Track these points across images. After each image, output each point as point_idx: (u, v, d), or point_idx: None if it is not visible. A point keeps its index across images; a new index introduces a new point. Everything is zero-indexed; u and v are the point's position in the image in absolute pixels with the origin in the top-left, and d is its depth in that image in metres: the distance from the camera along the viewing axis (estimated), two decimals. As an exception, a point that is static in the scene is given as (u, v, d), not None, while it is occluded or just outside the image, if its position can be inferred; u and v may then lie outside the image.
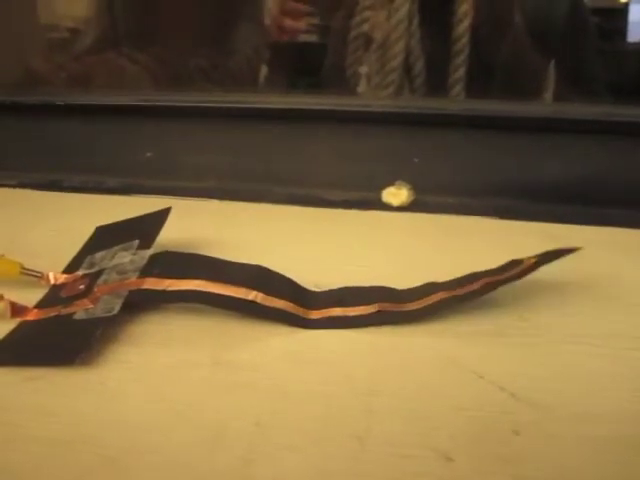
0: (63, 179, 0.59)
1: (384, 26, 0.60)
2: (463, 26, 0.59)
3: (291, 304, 0.32)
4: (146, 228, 0.38)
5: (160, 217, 0.38)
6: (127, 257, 0.35)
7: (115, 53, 0.79)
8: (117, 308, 0.30)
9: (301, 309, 0.32)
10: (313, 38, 0.76)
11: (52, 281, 0.35)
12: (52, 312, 0.32)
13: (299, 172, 0.57)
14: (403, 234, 0.46)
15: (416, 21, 0.62)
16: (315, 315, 0.32)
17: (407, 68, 0.65)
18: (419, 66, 0.65)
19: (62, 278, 0.35)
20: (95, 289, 0.33)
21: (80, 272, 0.35)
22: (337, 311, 0.32)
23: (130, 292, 0.31)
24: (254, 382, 0.26)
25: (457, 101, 0.61)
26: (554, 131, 0.54)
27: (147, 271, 0.33)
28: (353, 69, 0.67)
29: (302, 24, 0.76)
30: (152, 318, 0.32)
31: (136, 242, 0.36)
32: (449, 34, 0.61)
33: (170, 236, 0.39)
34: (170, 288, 0.31)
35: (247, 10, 0.82)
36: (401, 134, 0.55)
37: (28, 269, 0.35)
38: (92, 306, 0.31)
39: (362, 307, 0.32)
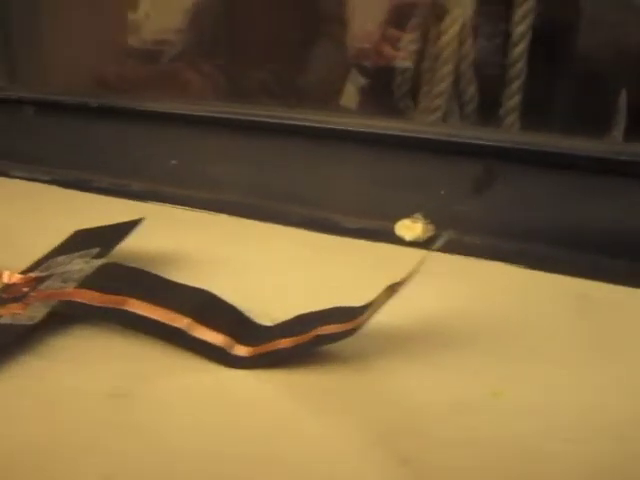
0: (93, 179, 0.59)
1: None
2: (519, 49, 0.53)
3: (224, 337, 0.29)
4: (112, 237, 0.36)
5: (129, 228, 0.37)
6: (79, 265, 0.33)
7: (187, 64, 0.80)
8: (39, 317, 0.29)
9: (235, 344, 0.29)
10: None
11: (5, 280, 0.34)
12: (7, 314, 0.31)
13: (319, 194, 0.53)
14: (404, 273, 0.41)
15: (469, 43, 0.57)
16: (244, 352, 0.28)
17: (458, 93, 0.60)
18: (471, 91, 0.59)
19: (15, 278, 0.34)
20: (32, 294, 0.31)
21: (33, 274, 0.34)
22: (270, 346, 0.28)
23: (59, 302, 0.30)
24: (137, 423, 0.23)
25: (496, 131, 0.55)
26: (616, 173, 0.47)
27: (86, 282, 0.31)
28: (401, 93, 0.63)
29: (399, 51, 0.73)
30: (82, 332, 0.30)
31: (96, 250, 0.35)
32: (504, 57, 0.55)
33: (155, 247, 0.38)
34: (97, 304, 0.29)
35: (331, 31, 0.81)
36: (430, 162, 0.50)
37: (-15, 265, 0.35)
38: (20, 312, 0.30)
39: (295, 338, 0.28)
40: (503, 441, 0.23)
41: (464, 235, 0.47)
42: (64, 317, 0.30)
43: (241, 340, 0.29)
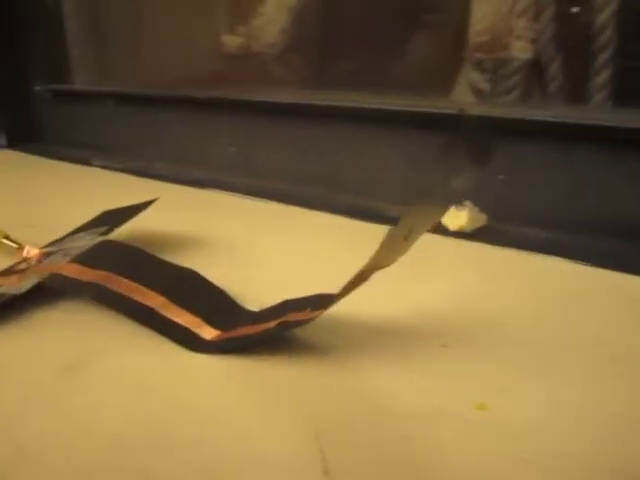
0: (160, 167, 0.61)
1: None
2: (605, 16, 0.45)
3: (194, 319, 0.27)
4: (125, 216, 0.36)
5: (142, 207, 0.36)
6: (85, 241, 0.34)
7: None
8: (26, 288, 0.29)
9: (204, 326, 0.27)
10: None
11: (24, 254, 0.35)
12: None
13: (367, 181, 0.50)
14: (443, 266, 0.36)
15: (549, 13, 0.50)
16: (210, 335, 0.26)
17: (539, 71, 0.53)
18: (554, 68, 0.52)
19: (33, 253, 0.35)
20: (33, 267, 0.32)
21: (46, 249, 0.35)
22: (237, 331, 0.26)
23: (48, 275, 0.30)
24: (77, 397, 0.22)
25: (561, 108, 0.48)
26: None
27: (79, 258, 0.31)
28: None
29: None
30: (65, 305, 0.30)
31: (104, 228, 0.35)
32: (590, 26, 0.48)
33: (179, 229, 0.38)
34: (81, 278, 0.29)
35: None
36: (487, 145, 0.44)
37: (11, 239, 0.36)
38: (16, 283, 0.30)
39: (263, 324, 0.25)
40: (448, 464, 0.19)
41: (521, 226, 0.42)
42: (52, 290, 0.30)
43: (213, 323, 0.27)
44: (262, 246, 0.40)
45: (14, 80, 0.72)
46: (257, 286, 0.32)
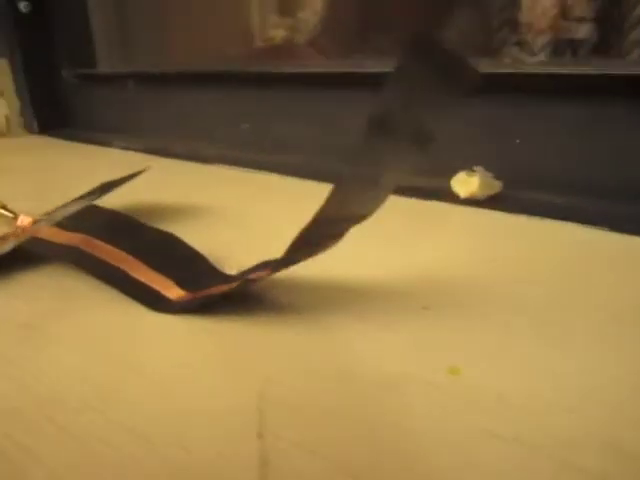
0: (177, 146, 0.61)
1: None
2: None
3: (167, 281, 0.26)
4: (115, 185, 0.36)
5: (132, 177, 0.36)
6: (73, 208, 0.33)
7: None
8: (4, 251, 0.29)
9: (175, 289, 0.25)
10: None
11: (18, 222, 0.35)
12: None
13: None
14: (445, 232, 0.34)
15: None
16: (174, 296, 0.25)
17: (568, 30, 0.49)
18: (586, 28, 0.48)
19: (26, 221, 0.35)
20: (18, 232, 0.32)
21: (37, 217, 0.35)
22: (204, 292, 0.25)
23: (28, 239, 0.30)
24: (31, 354, 0.21)
25: (581, 61, 0.44)
26: None
27: (60, 222, 0.30)
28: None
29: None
30: (45, 269, 0.29)
31: (95, 196, 0.34)
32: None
33: (179, 201, 0.37)
34: (57, 241, 0.29)
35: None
36: (503, 104, 0.41)
37: (8, 209, 0.36)
38: (8, 246, 0.30)
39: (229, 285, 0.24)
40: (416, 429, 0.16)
41: (536, 193, 0.39)
42: (33, 253, 0.29)
43: (184, 285, 0.26)
44: (260, 215, 0.38)
45: (43, 68, 0.73)
46: (242, 251, 0.31)
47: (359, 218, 0.23)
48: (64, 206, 0.36)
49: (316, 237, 0.22)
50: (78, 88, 0.74)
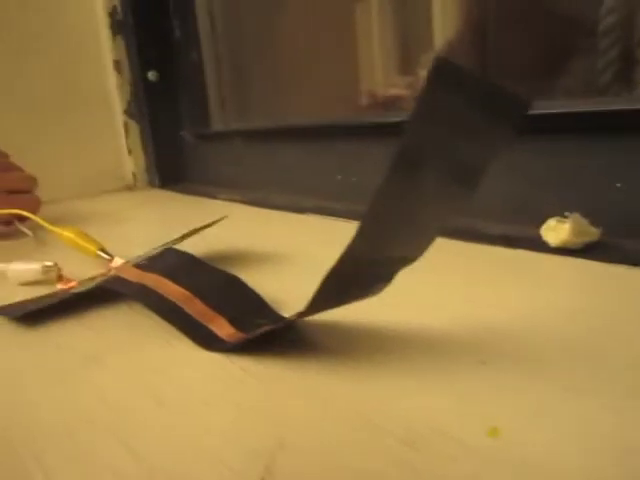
0: (275, 197, 0.63)
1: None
2: None
3: (216, 317, 0.26)
4: (196, 232, 0.38)
5: (210, 225, 0.38)
6: (157, 251, 0.35)
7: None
8: (88, 288, 0.31)
9: (225, 326, 0.26)
10: None
11: (112, 264, 0.38)
12: (77, 287, 0.35)
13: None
14: (533, 284, 0.31)
15: None
16: (227, 334, 0.25)
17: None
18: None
19: (120, 263, 0.38)
20: (107, 272, 0.34)
21: (130, 260, 0.38)
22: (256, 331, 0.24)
23: (110, 277, 0.32)
24: (90, 381, 0.23)
25: None
26: None
27: (138, 262, 0.33)
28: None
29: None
30: (121, 306, 0.31)
31: (176, 240, 0.37)
32: None
33: (262, 248, 0.39)
34: (132, 279, 0.30)
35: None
36: (602, 145, 0.37)
37: (105, 251, 0.40)
38: (91, 284, 0.33)
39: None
40: None
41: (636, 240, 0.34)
42: (111, 290, 0.31)
43: (235, 323, 0.26)
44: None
45: (166, 128, 0.81)
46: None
47: (404, 260, 0.22)
48: (152, 250, 0.39)
49: (354, 278, 0.21)
50: (195, 146, 0.81)
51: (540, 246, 0.36)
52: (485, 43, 0.59)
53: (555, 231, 0.35)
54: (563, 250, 0.35)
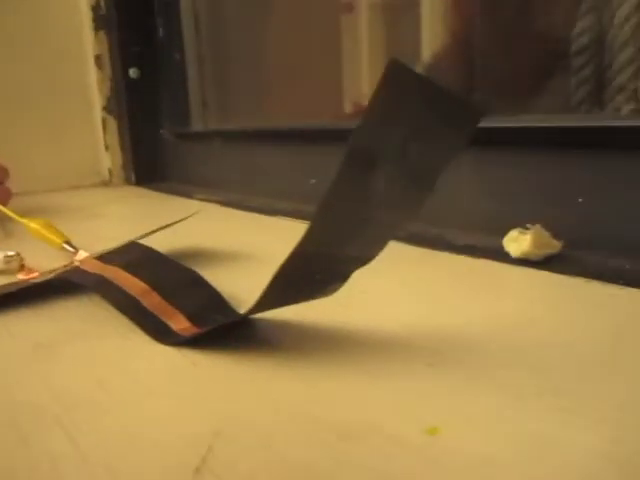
0: (251, 200, 0.63)
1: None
2: None
3: (173, 311, 0.26)
4: (163, 228, 0.38)
5: (177, 222, 0.38)
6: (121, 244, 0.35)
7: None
8: (47, 278, 0.31)
9: (181, 321, 0.26)
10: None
11: (76, 257, 0.38)
12: (38, 277, 0.34)
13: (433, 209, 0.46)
14: (487, 294, 0.31)
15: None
16: (182, 327, 0.25)
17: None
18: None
19: (83, 256, 0.38)
20: (70, 265, 0.34)
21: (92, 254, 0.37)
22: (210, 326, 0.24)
23: (72, 269, 0.32)
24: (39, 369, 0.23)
25: None
26: None
27: (101, 255, 0.32)
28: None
29: None
30: (81, 297, 0.31)
31: (142, 236, 0.36)
32: None
33: (229, 247, 0.39)
34: (90, 271, 0.30)
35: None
36: (567, 162, 0.38)
37: (70, 244, 0.39)
38: (52, 275, 0.32)
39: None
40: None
41: (600, 255, 0.35)
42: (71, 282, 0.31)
43: (192, 318, 0.26)
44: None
45: (145, 126, 0.81)
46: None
47: (358, 260, 0.22)
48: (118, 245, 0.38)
49: (305, 277, 0.21)
50: (173, 145, 0.80)
51: (502, 256, 0.36)
52: (470, 57, 0.60)
53: (517, 242, 0.36)
54: (524, 261, 0.35)
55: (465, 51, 0.67)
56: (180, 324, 0.25)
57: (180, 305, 0.27)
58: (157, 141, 0.82)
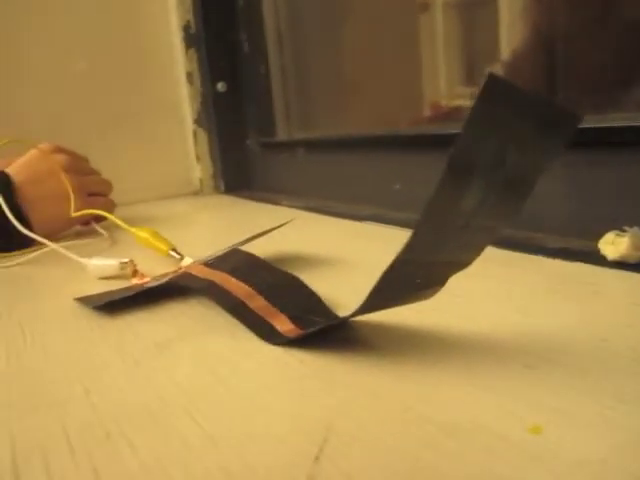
0: (335, 205, 0.65)
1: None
2: None
3: (277, 314, 0.28)
4: (260, 235, 0.40)
5: (274, 229, 0.40)
6: (224, 251, 0.38)
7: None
8: (161, 282, 0.34)
9: (285, 323, 0.28)
10: None
11: (182, 263, 0.41)
12: (150, 282, 0.38)
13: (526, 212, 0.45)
14: (586, 297, 0.31)
15: None
16: (286, 329, 0.27)
17: None
18: None
19: (189, 262, 0.41)
20: (178, 270, 0.37)
21: (198, 261, 0.40)
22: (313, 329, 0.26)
23: (182, 274, 0.34)
24: (162, 366, 0.25)
25: None
26: None
27: (207, 261, 0.35)
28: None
29: None
30: (190, 300, 0.34)
31: (242, 242, 0.39)
32: None
33: (320, 251, 0.41)
34: (199, 275, 0.33)
35: None
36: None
37: (176, 251, 0.43)
38: (164, 280, 0.35)
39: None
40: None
41: None
42: (181, 286, 0.34)
43: (295, 320, 0.28)
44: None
45: (233, 137, 0.85)
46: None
47: (456, 265, 0.23)
48: (220, 250, 0.41)
49: (406, 281, 0.22)
50: (260, 154, 0.84)
51: (597, 260, 0.36)
52: (551, 55, 0.59)
53: (613, 245, 0.35)
54: (621, 264, 0.35)
55: (547, 47, 0.66)
56: (284, 326, 0.27)
57: (283, 307, 0.29)
58: (244, 151, 0.86)
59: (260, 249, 0.39)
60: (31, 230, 0.50)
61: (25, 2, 0.80)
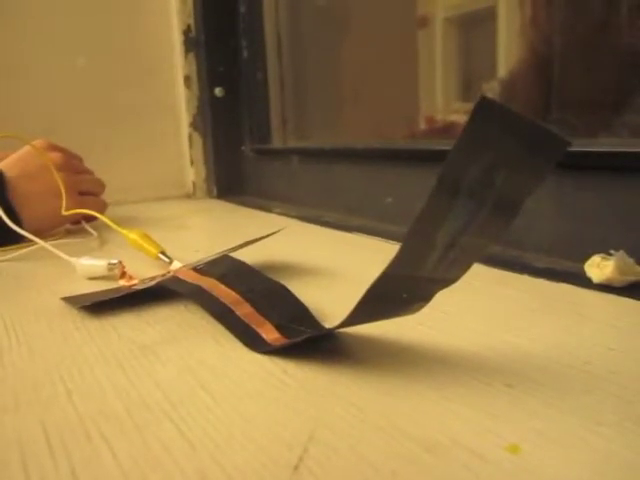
0: (328, 216, 0.65)
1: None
2: None
3: (263, 322, 0.28)
4: (251, 242, 0.40)
5: (265, 237, 0.40)
6: (214, 257, 0.38)
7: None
8: (149, 285, 0.34)
9: (270, 331, 0.28)
10: None
11: (171, 267, 0.41)
12: (138, 284, 0.38)
13: (513, 231, 0.46)
14: (568, 318, 0.32)
15: None
16: (271, 338, 0.27)
17: None
18: None
19: (178, 266, 0.41)
20: (166, 274, 0.37)
21: (188, 265, 0.40)
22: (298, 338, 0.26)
23: (171, 277, 0.34)
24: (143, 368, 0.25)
25: None
26: None
27: (196, 265, 0.35)
28: None
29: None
30: (176, 304, 0.34)
31: (234, 249, 0.39)
32: None
33: (310, 261, 0.41)
34: (188, 280, 0.33)
35: None
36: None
37: (165, 255, 0.43)
38: (152, 283, 0.35)
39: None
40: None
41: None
42: (169, 290, 0.34)
43: (281, 329, 0.28)
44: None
45: (227, 142, 0.86)
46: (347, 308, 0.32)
47: (442, 282, 0.23)
48: (210, 256, 0.41)
49: (393, 296, 0.22)
50: (254, 161, 0.84)
51: (583, 281, 0.36)
52: (548, 75, 0.60)
53: (599, 268, 0.35)
54: (606, 287, 0.35)
55: (544, 66, 0.67)
56: (270, 334, 0.27)
57: (270, 316, 0.29)
58: (238, 156, 0.86)
59: (250, 256, 0.39)
60: (21, 226, 0.50)
61: (25, 2, 0.80)
